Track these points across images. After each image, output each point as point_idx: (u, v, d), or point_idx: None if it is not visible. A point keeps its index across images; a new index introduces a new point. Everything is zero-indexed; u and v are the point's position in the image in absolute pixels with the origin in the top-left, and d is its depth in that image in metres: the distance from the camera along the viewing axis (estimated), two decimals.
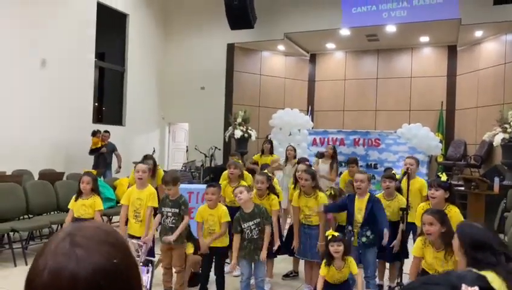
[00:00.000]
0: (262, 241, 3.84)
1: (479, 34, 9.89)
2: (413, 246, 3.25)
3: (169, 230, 4.07)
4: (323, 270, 3.59)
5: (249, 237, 3.85)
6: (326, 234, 3.62)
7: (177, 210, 4.09)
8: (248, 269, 3.92)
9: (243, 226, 3.86)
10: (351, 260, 3.53)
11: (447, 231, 2.94)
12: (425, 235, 3.04)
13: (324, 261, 3.58)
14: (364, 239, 3.88)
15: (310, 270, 4.40)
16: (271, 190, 4.57)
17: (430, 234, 2.99)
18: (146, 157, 5.78)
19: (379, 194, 4.56)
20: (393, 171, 4.85)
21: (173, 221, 4.08)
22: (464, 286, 0.53)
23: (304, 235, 4.32)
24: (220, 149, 11.12)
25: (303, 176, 4.23)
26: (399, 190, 4.51)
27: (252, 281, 4.09)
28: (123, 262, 0.72)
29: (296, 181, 4.60)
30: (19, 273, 4.78)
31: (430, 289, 0.53)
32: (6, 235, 5.20)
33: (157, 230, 5.90)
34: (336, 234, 3.54)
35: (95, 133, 8.85)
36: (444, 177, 3.80)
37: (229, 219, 4.03)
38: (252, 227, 3.84)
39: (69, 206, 4.48)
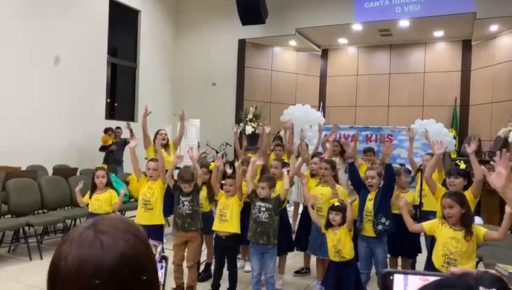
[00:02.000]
0: (269, 227, 3.86)
1: (494, 28, 9.71)
2: (429, 221, 3.27)
3: (186, 217, 4.12)
4: (323, 230, 3.82)
5: (256, 216, 3.89)
6: (330, 201, 3.78)
7: (191, 197, 4.17)
8: (258, 265, 3.94)
9: (254, 203, 3.95)
10: (345, 228, 3.67)
11: (466, 212, 3.00)
12: (446, 218, 3.05)
13: (323, 223, 3.78)
14: (380, 227, 3.85)
15: (321, 267, 4.40)
16: None
17: (451, 217, 3.01)
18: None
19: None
20: (398, 166, 4.82)
21: (189, 208, 4.15)
22: (481, 288, 0.52)
23: (316, 232, 4.32)
24: (231, 145, 11.14)
25: (323, 165, 4.33)
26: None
27: (263, 277, 4.10)
28: (144, 252, 0.74)
29: (312, 175, 4.61)
30: (34, 267, 4.86)
31: None
32: (21, 229, 5.28)
33: (169, 225, 5.95)
34: (337, 203, 3.65)
35: (106, 131, 8.93)
36: (462, 166, 3.79)
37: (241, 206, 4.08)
38: (262, 209, 3.88)
39: (84, 201, 4.54)
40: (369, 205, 3.95)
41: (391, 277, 0.73)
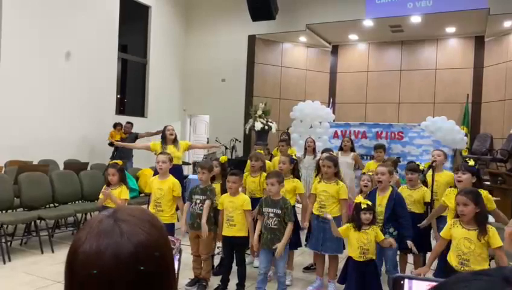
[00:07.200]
0: (280, 234, 3.83)
1: (508, 24, 9.57)
2: (444, 228, 3.19)
3: (197, 217, 4.20)
4: (349, 233, 3.59)
5: (266, 224, 3.86)
6: (360, 201, 3.59)
7: (204, 197, 4.20)
8: (265, 262, 3.91)
9: (262, 210, 3.92)
10: (376, 228, 3.59)
11: (481, 211, 2.94)
12: (460, 216, 2.98)
13: (352, 225, 3.57)
14: (387, 236, 3.81)
15: (321, 263, 4.42)
16: (295, 174, 4.65)
17: (464, 215, 2.94)
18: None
19: (403, 186, 4.50)
20: (417, 163, 4.76)
21: (201, 207, 4.20)
22: None
23: (318, 229, 4.29)
24: (240, 141, 11.14)
25: (325, 163, 4.27)
26: (425, 183, 4.45)
27: (271, 272, 4.09)
28: (161, 241, 0.76)
29: (319, 171, 4.58)
30: (45, 260, 4.92)
31: (482, 278, 0.52)
32: (33, 223, 5.35)
33: (177, 220, 5.97)
34: (367, 203, 3.55)
35: (115, 126, 8.98)
36: (471, 163, 3.74)
37: (250, 208, 4.06)
38: (271, 215, 3.85)
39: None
40: (379, 210, 3.90)
41: (402, 282, 0.74)
